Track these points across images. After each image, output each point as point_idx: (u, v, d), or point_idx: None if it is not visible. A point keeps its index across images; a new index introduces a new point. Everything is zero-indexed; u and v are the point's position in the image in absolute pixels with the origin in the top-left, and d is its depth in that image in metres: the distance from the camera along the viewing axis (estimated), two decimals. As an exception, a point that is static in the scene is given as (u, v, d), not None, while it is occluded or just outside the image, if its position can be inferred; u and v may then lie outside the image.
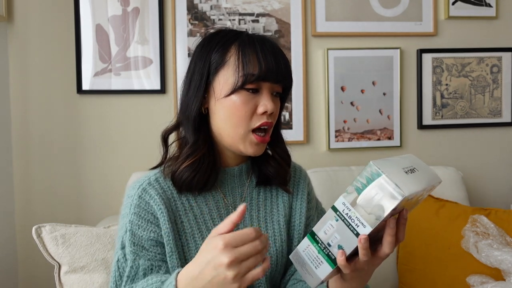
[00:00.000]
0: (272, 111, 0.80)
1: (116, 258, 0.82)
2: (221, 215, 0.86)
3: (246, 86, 0.79)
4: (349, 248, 0.65)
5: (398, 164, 0.66)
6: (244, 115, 0.80)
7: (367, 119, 1.86)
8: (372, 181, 0.62)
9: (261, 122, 0.81)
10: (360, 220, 0.63)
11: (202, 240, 0.82)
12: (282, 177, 0.91)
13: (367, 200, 0.62)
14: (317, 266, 0.68)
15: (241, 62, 0.79)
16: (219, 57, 0.81)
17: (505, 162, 1.97)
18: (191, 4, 1.75)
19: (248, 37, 0.83)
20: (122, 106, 1.74)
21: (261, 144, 0.83)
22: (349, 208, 0.63)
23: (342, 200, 0.64)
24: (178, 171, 0.82)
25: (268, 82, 0.81)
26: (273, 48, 0.82)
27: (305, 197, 0.95)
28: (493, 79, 1.93)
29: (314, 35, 1.82)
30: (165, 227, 0.80)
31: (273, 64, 0.79)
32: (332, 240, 0.66)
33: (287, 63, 0.83)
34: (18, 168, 1.69)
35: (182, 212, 0.83)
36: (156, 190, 0.82)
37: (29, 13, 1.68)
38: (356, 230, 0.63)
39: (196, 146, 0.82)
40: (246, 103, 0.80)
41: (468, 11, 1.90)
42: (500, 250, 1.33)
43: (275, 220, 0.90)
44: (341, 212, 0.64)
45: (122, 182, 1.63)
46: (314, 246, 0.68)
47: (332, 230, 0.66)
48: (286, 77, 0.83)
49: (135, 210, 0.82)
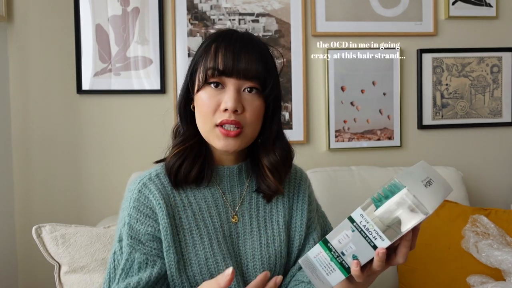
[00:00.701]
0: (233, 108, 0.78)
1: (113, 251, 0.83)
2: (220, 213, 0.86)
3: (208, 80, 0.80)
4: (365, 258, 0.65)
5: (416, 176, 0.65)
6: (207, 111, 0.80)
7: (367, 119, 1.86)
8: (392, 194, 0.62)
9: (222, 119, 0.79)
10: (379, 233, 0.63)
11: (200, 237, 0.82)
12: (271, 191, 0.87)
13: (387, 214, 0.62)
14: (329, 273, 0.69)
15: (205, 58, 0.81)
16: (198, 55, 0.84)
17: (505, 162, 1.97)
18: (191, 4, 1.75)
19: (224, 35, 0.83)
20: (122, 106, 1.74)
21: (229, 138, 0.80)
22: (367, 220, 0.63)
23: (359, 211, 0.64)
24: (167, 159, 0.85)
25: (232, 78, 0.79)
26: (242, 45, 0.80)
27: (306, 199, 0.94)
28: (493, 79, 1.93)
29: (314, 35, 1.82)
30: (163, 222, 0.81)
31: (230, 59, 0.78)
32: (347, 249, 0.66)
33: (254, 58, 0.80)
34: (18, 168, 1.69)
35: (181, 208, 0.84)
36: (156, 185, 0.84)
37: (29, 13, 1.68)
38: (373, 242, 0.64)
39: (185, 136, 0.85)
40: (210, 98, 0.80)
41: (468, 11, 1.90)
42: (500, 250, 1.33)
43: (274, 221, 0.90)
44: (358, 224, 0.64)
45: (122, 182, 1.63)
46: (327, 254, 0.68)
47: (347, 239, 0.66)
48: (248, 73, 0.79)
49: (134, 204, 0.83)
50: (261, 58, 0.81)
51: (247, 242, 0.87)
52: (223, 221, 0.86)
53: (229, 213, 0.88)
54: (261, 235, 0.88)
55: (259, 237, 0.88)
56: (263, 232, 0.88)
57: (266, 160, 0.86)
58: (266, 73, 0.81)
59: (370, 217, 0.63)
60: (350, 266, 0.67)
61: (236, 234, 0.87)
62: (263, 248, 0.87)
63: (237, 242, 0.87)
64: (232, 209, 0.88)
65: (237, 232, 0.87)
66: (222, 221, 0.86)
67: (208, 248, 0.82)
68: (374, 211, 0.63)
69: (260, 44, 0.84)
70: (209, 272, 0.82)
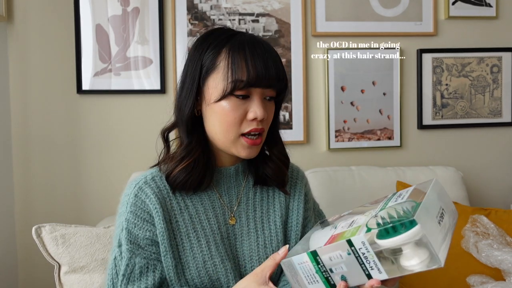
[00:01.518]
0: (262, 117, 0.79)
1: (113, 256, 0.82)
2: (217, 215, 0.86)
3: (236, 93, 0.78)
4: (354, 282, 0.63)
5: (431, 210, 0.60)
6: (233, 121, 0.80)
7: (367, 119, 1.86)
8: (404, 230, 0.56)
9: (251, 128, 0.80)
10: (378, 265, 0.59)
11: (197, 240, 0.82)
12: (280, 179, 0.90)
13: (393, 249, 0.57)
14: (311, 283, 0.66)
15: (230, 68, 0.78)
16: (210, 61, 0.80)
17: (505, 162, 1.97)
18: (191, 4, 1.75)
19: (239, 41, 0.80)
20: (122, 106, 1.74)
21: (254, 146, 0.82)
22: (368, 250, 0.58)
23: (362, 239, 0.59)
24: (172, 173, 0.82)
25: (258, 88, 0.79)
26: (264, 51, 0.79)
27: (302, 198, 0.94)
28: (493, 79, 1.93)
29: (314, 35, 1.82)
30: (160, 226, 0.80)
31: (262, 69, 0.77)
32: (337, 268, 0.63)
33: (279, 66, 0.81)
34: (18, 168, 1.69)
35: (177, 212, 0.83)
36: (152, 189, 0.83)
37: (29, 13, 1.68)
38: (368, 271, 0.60)
39: (190, 148, 0.83)
40: (236, 109, 0.79)
41: (468, 11, 1.90)
42: (500, 250, 1.33)
43: (271, 221, 0.90)
44: (357, 250, 0.60)
45: (122, 182, 1.62)
46: (313, 265, 0.65)
47: (339, 259, 0.62)
48: (277, 81, 0.80)
49: (131, 208, 0.82)
50: (281, 64, 0.82)
51: (245, 243, 0.87)
52: (221, 223, 0.86)
53: (227, 215, 0.87)
54: (258, 236, 0.88)
55: (257, 238, 0.87)
56: (261, 233, 0.88)
57: (276, 150, 0.90)
58: (285, 80, 0.83)
59: (372, 245, 0.58)
60: (335, 284, 0.64)
61: (234, 236, 0.87)
62: (260, 248, 0.87)
63: (235, 243, 0.86)
64: (229, 211, 0.88)
65: (235, 233, 0.87)
66: (219, 223, 0.86)
67: (205, 251, 0.82)
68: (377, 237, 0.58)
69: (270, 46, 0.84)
70: (207, 275, 0.81)
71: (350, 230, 0.64)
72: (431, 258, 0.55)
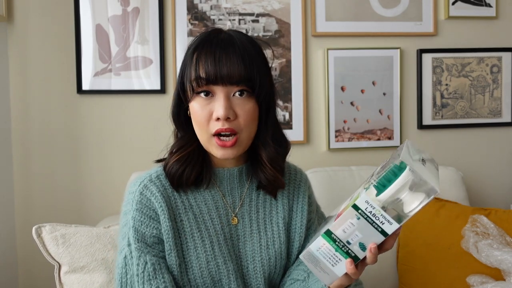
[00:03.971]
0: (225, 117, 0.76)
1: (122, 255, 0.81)
2: (220, 215, 0.86)
3: (196, 90, 0.79)
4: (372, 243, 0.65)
5: (414, 156, 0.65)
6: (201, 121, 0.79)
7: (367, 119, 1.86)
8: (396, 176, 0.61)
9: (216, 128, 0.78)
10: (386, 217, 0.62)
11: (201, 240, 0.82)
12: (272, 185, 0.87)
13: (393, 197, 0.61)
14: (335, 264, 0.67)
15: (189, 67, 0.80)
16: (185, 64, 0.82)
17: (505, 162, 1.97)
18: (191, 4, 1.75)
19: (201, 40, 0.81)
20: (122, 106, 1.74)
21: (227, 148, 0.79)
22: (373, 206, 0.62)
23: (365, 198, 0.63)
24: (168, 165, 0.83)
25: (217, 85, 0.77)
26: (221, 49, 0.77)
27: (306, 200, 0.94)
28: (493, 79, 1.93)
29: (314, 35, 1.82)
30: (165, 224, 0.80)
31: (213, 66, 0.76)
32: (352, 238, 0.65)
33: (236, 61, 0.77)
34: (18, 168, 1.69)
35: (182, 211, 0.83)
36: (157, 187, 0.83)
37: (29, 13, 1.68)
38: (381, 227, 0.63)
39: (184, 141, 0.84)
40: (202, 109, 0.79)
41: (468, 11, 1.90)
42: (500, 250, 1.33)
43: (274, 222, 0.90)
44: (364, 211, 0.63)
45: (122, 182, 1.63)
46: (331, 245, 0.66)
47: (352, 228, 0.64)
48: (232, 78, 0.77)
49: (137, 206, 0.82)
50: (244, 60, 0.78)
51: (247, 244, 0.87)
52: (223, 223, 0.86)
53: (229, 215, 0.87)
54: (261, 237, 0.88)
55: (259, 239, 0.87)
56: (263, 234, 0.88)
57: (265, 154, 0.85)
58: (252, 73, 0.78)
59: (376, 202, 0.62)
60: (357, 255, 0.66)
61: (236, 236, 0.87)
62: (263, 249, 0.87)
63: (237, 244, 0.86)
64: (232, 211, 0.88)
65: (237, 234, 0.87)
66: (222, 223, 0.86)
67: (209, 251, 0.82)
68: (379, 195, 0.61)
69: (244, 43, 0.80)
70: (210, 275, 0.81)
71: (350, 200, 0.67)
72: (427, 193, 0.60)
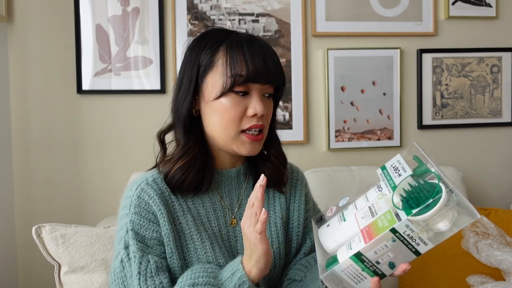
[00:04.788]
0: (262, 113, 0.80)
1: (118, 259, 0.80)
2: (218, 217, 0.86)
3: (235, 89, 0.79)
4: (402, 262, 0.64)
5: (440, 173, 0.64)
6: (233, 118, 0.80)
7: (367, 119, 1.86)
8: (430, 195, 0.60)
9: (251, 124, 0.80)
10: (423, 239, 0.61)
11: (201, 242, 0.82)
12: (278, 179, 0.90)
13: (431, 219, 0.60)
14: (358, 282, 0.67)
15: (229, 64, 0.78)
16: (207, 59, 0.81)
17: (505, 162, 1.97)
18: (191, 4, 1.75)
19: (236, 38, 0.81)
20: (122, 106, 1.74)
21: (255, 142, 0.82)
22: (413, 230, 0.61)
23: (406, 222, 0.61)
24: (170, 173, 0.82)
25: (257, 84, 0.80)
26: (261, 48, 0.80)
27: (303, 199, 0.94)
28: (493, 79, 1.93)
29: (314, 35, 1.82)
30: (165, 228, 0.80)
31: (261, 65, 0.78)
32: (383, 258, 0.64)
33: (277, 62, 0.82)
34: (18, 168, 1.69)
35: (180, 213, 0.83)
36: (154, 190, 0.82)
37: (29, 13, 1.68)
38: (415, 248, 0.62)
39: (187, 147, 0.83)
40: (236, 105, 0.79)
41: (468, 11, 1.90)
42: (500, 250, 1.33)
43: (272, 222, 0.90)
44: (402, 234, 0.62)
45: (122, 182, 1.62)
46: (358, 265, 0.65)
47: (385, 249, 0.63)
48: (275, 77, 0.81)
49: (135, 210, 0.81)
50: (279, 61, 0.83)
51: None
52: (221, 225, 0.86)
53: (228, 217, 0.87)
54: None
55: None
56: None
57: (274, 150, 0.90)
58: (283, 77, 0.84)
59: (415, 225, 0.61)
60: (384, 272, 0.65)
61: (235, 238, 0.87)
62: None
63: (236, 245, 0.86)
64: (230, 213, 0.88)
65: (236, 235, 0.87)
66: (220, 225, 0.86)
67: (210, 253, 0.81)
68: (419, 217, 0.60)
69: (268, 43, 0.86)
70: None
71: (381, 218, 0.65)
72: (458, 214, 0.60)
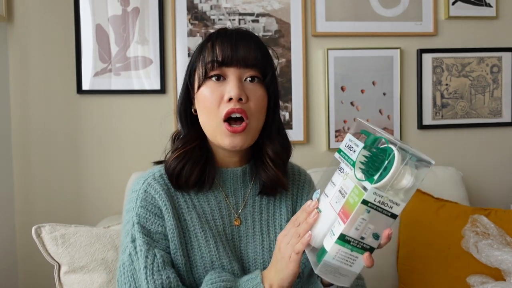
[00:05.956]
0: (237, 96, 0.78)
1: (127, 253, 0.80)
2: (223, 216, 0.86)
3: (209, 74, 0.80)
4: (384, 228, 0.65)
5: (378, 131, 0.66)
6: (211, 105, 0.80)
7: (367, 119, 1.86)
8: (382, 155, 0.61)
9: (227, 109, 0.78)
10: (394, 201, 0.62)
11: (205, 240, 0.82)
12: (274, 182, 0.86)
13: (392, 180, 0.61)
14: (352, 264, 0.66)
15: (202, 54, 0.81)
16: (195, 57, 0.84)
17: (505, 162, 1.97)
18: (191, 4, 1.75)
19: (219, 32, 0.84)
20: (122, 106, 1.74)
21: (235, 135, 0.79)
22: (381, 195, 0.61)
23: (372, 190, 0.61)
24: (168, 162, 0.83)
25: (231, 68, 0.80)
26: (235, 35, 0.81)
27: None
28: (493, 79, 1.93)
29: (314, 35, 1.82)
30: (170, 223, 0.80)
31: (230, 48, 0.79)
32: (366, 232, 0.64)
33: (253, 46, 0.81)
34: (18, 168, 1.69)
35: (185, 210, 0.83)
36: (161, 185, 0.83)
37: (29, 13, 1.68)
38: (390, 211, 0.62)
39: (186, 139, 0.84)
40: (212, 92, 0.80)
41: (468, 11, 1.90)
42: (500, 250, 1.33)
43: (277, 224, 0.90)
44: (373, 203, 0.62)
45: (122, 182, 1.63)
46: (346, 247, 0.65)
47: (364, 223, 0.63)
48: (249, 60, 0.80)
49: (141, 203, 0.81)
50: (259, 46, 0.82)
51: (249, 245, 0.86)
52: (226, 224, 0.86)
53: (232, 216, 0.87)
54: (263, 239, 0.87)
55: (262, 241, 0.87)
56: (266, 236, 0.88)
57: (270, 149, 0.86)
58: (265, 61, 0.82)
59: (382, 189, 0.61)
60: (373, 246, 0.65)
61: (239, 238, 0.86)
62: (265, 251, 0.86)
63: (239, 245, 0.86)
64: (235, 212, 0.88)
65: (239, 235, 0.87)
66: (224, 224, 0.86)
67: (213, 251, 0.81)
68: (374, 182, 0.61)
69: (256, 35, 0.86)
70: None
71: (350, 195, 0.65)
72: (415, 168, 0.61)
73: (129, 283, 0.79)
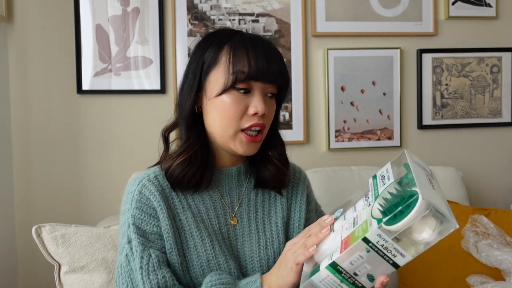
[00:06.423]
0: (263, 112, 0.79)
1: (124, 254, 0.81)
2: (218, 215, 0.86)
3: (237, 86, 0.79)
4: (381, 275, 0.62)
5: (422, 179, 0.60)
6: (234, 115, 0.80)
7: (367, 119, 1.86)
8: (404, 201, 0.57)
9: (251, 123, 0.80)
10: (399, 251, 0.59)
11: (201, 239, 0.82)
12: (279, 180, 0.90)
13: (405, 228, 0.57)
14: None
15: (232, 61, 0.79)
16: (211, 57, 0.82)
17: (505, 162, 1.97)
18: (191, 4, 1.75)
19: (241, 37, 0.82)
20: (122, 106, 1.74)
21: (252, 143, 0.82)
22: (386, 240, 0.58)
23: (377, 231, 0.58)
24: (170, 168, 0.83)
25: (260, 82, 0.80)
26: (265, 47, 0.81)
27: (304, 199, 0.94)
28: (493, 79, 1.93)
29: (314, 35, 1.82)
30: (165, 223, 0.81)
31: (264, 63, 0.79)
32: (360, 270, 0.62)
33: (281, 63, 0.82)
34: (18, 168, 1.69)
35: (180, 210, 0.83)
36: (155, 186, 0.83)
37: (29, 13, 1.68)
38: (392, 259, 0.60)
39: (188, 143, 0.84)
40: (237, 103, 0.79)
41: (468, 11, 1.90)
42: (500, 250, 1.34)
43: (272, 222, 0.90)
44: (375, 244, 0.59)
45: (122, 182, 1.62)
46: (336, 277, 0.63)
47: (361, 260, 0.61)
48: (278, 77, 0.81)
49: (136, 204, 0.82)
50: (283, 64, 0.83)
51: (246, 244, 0.87)
52: (222, 223, 0.86)
53: (228, 215, 0.87)
54: (259, 237, 0.88)
55: (258, 239, 0.87)
56: (262, 234, 0.88)
57: (276, 152, 0.89)
58: (287, 78, 0.84)
59: (388, 235, 0.58)
60: (364, 285, 0.63)
61: (235, 236, 0.87)
62: (261, 250, 0.87)
63: (236, 244, 0.86)
64: (230, 211, 0.88)
65: (236, 234, 0.87)
66: (220, 224, 0.86)
67: (209, 250, 0.82)
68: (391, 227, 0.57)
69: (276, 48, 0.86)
70: None
71: (358, 228, 0.63)
72: (441, 223, 0.57)
73: (126, 283, 0.79)
